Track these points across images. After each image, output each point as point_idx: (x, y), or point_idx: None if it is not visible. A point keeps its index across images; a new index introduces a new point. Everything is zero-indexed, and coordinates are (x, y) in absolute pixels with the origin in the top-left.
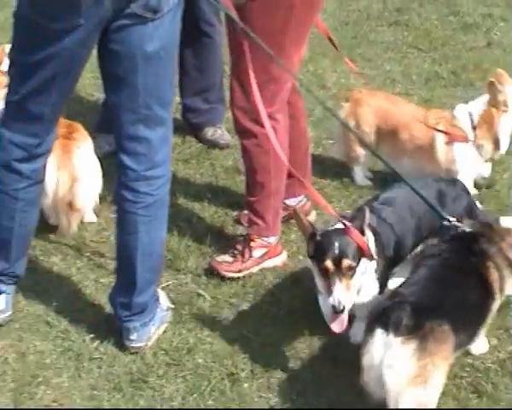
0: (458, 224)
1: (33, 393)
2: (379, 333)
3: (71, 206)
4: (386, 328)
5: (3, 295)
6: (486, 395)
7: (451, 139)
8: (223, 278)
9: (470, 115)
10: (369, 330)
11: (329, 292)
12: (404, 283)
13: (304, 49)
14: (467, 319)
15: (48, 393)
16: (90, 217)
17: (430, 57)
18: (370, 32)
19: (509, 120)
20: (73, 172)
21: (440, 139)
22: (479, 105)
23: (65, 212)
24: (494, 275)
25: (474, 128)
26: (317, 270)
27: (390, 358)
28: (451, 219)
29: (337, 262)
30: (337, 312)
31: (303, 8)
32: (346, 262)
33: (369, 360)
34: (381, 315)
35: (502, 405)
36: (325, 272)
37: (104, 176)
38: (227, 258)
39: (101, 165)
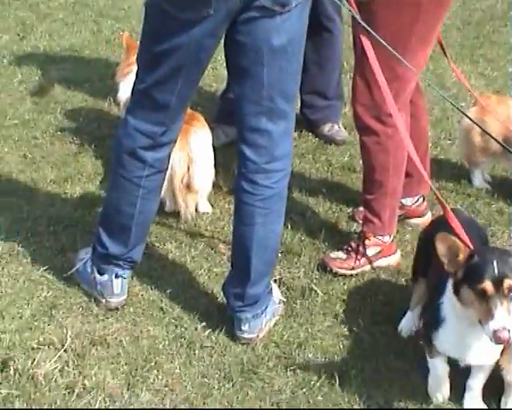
0: None
1: (146, 377)
2: None
3: (188, 187)
4: None
5: (119, 280)
6: None
7: None
8: (335, 275)
9: None
10: None
11: (489, 317)
12: None
13: (431, 48)
14: None
15: (159, 378)
16: (206, 207)
17: None
18: (493, 33)
19: None
20: (191, 153)
21: None
22: None
23: (182, 194)
24: None
25: None
26: (472, 293)
27: None
28: None
29: (497, 283)
30: (500, 340)
31: (431, 5)
32: (507, 283)
33: None
34: None
35: None
36: (483, 295)
37: (220, 166)
38: (340, 254)
39: (219, 155)
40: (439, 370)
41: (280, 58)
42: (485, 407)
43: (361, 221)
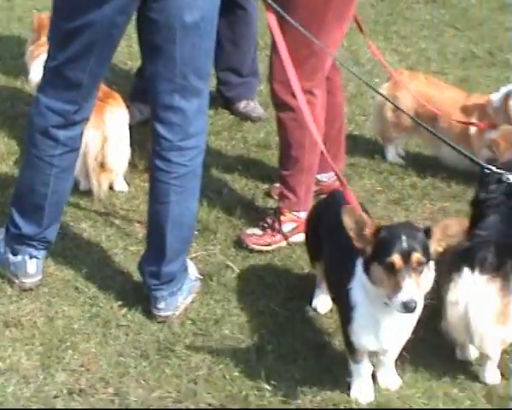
0: (500, 171)
1: (61, 357)
2: (465, 271)
3: (102, 166)
4: (472, 266)
5: (34, 260)
6: None
7: (484, 129)
8: (251, 251)
9: (498, 100)
10: (455, 269)
11: (398, 289)
12: (477, 227)
13: (347, 24)
14: None
15: (75, 358)
16: (121, 185)
17: (466, 36)
18: (406, 9)
19: None
20: (105, 132)
21: (474, 128)
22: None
23: (96, 172)
24: None
25: (500, 113)
26: (380, 268)
27: (476, 295)
28: (492, 168)
29: (406, 257)
30: (409, 310)
31: None
32: (415, 256)
33: (454, 297)
34: (466, 254)
35: None
36: (391, 269)
37: (136, 145)
38: (256, 231)
39: (134, 133)
40: (363, 374)
41: (192, 35)
42: (400, 380)
43: (277, 197)
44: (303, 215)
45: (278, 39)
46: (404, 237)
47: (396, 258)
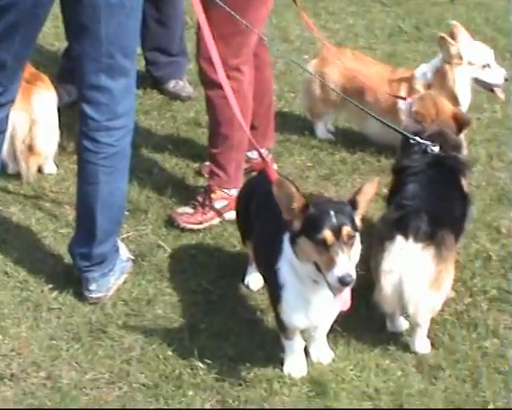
0: (425, 142)
1: None
2: (399, 239)
3: (30, 149)
4: (405, 234)
5: None
6: (443, 347)
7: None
8: (183, 230)
9: (424, 74)
10: (388, 237)
11: (332, 264)
12: (400, 196)
13: (272, 1)
14: (458, 227)
15: (6, 343)
16: (51, 168)
17: (393, 12)
18: None
19: (465, 74)
20: (33, 115)
21: (402, 102)
22: (436, 63)
23: (24, 155)
24: (466, 185)
25: (429, 87)
26: (311, 245)
27: (411, 263)
28: (418, 139)
29: (337, 232)
30: (345, 284)
31: None
32: (346, 230)
33: (388, 266)
34: (399, 222)
35: (457, 356)
36: (323, 245)
37: (64, 127)
38: (187, 209)
39: (62, 115)
40: (295, 349)
41: (118, 14)
42: (332, 353)
43: (207, 176)
44: (234, 193)
45: (200, 17)
46: (332, 212)
47: (327, 234)
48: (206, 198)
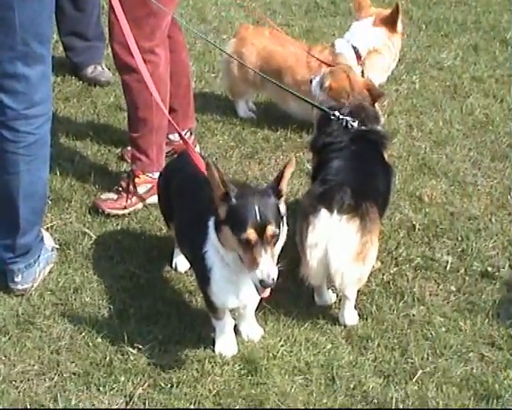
0: (346, 117)
1: None
2: (323, 212)
3: None
4: (330, 208)
5: None
6: (371, 317)
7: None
8: (108, 216)
9: (355, 49)
10: (313, 211)
11: (255, 265)
12: (324, 173)
13: None
14: (382, 199)
15: None
16: None
17: None
18: None
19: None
20: None
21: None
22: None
23: None
24: (387, 156)
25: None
26: (235, 239)
27: (336, 235)
28: (337, 113)
29: (260, 231)
30: (267, 286)
31: None
32: (270, 230)
33: (314, 239)
34: (323, 196)
35: (385, 325)
36: (247, 244)
37: None
38: (111, 195)
39: None
40: (225, 329)
41: (31, 1)
42: (262, 330)
43: (130, 160)
44: (157, 176)
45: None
46: (256, 208)
47: (251, 234)
48: (130, 183)
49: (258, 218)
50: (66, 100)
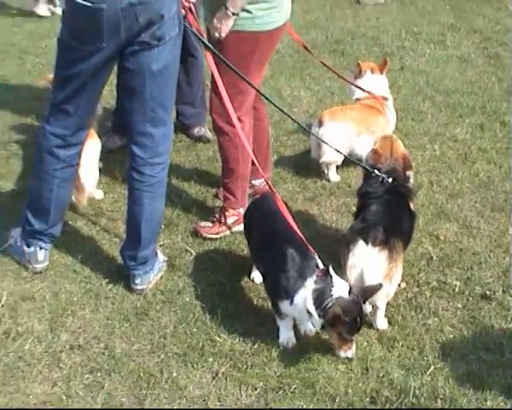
0: (382, 175)
1: (64, 322)
2: (361, 243)
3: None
4: (366, 240)
5: (43, 251)
6: (397, 324)
7: None
8: (204, 239)
9: None
10: (353, 241)
11: (348, 350)
12: (364, 213)
13: (264, 70)
14: (406, 237)
15: (74, 322)
16: (98, 195)
17: None
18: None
19: None
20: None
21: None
22: None
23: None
24: (412, 204)
25: None
26: (337, 335)
27: (370, 261)
28: (376, 171)
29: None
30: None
31: (265, 42)
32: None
33: (353, 262)
34: (362, 231)
35: (408, 331)
36: (346, 340)
37: (117, 163)
38: (208, 224)
39: (117, 154)
40: (286, 326)
41: (159, 79)
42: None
43: (222, 198)
44: (242, 211)
45: (216, 77)
46: (359, 320)
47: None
48: (222, 215)
49: (359, 325)
50: (177, 152)
